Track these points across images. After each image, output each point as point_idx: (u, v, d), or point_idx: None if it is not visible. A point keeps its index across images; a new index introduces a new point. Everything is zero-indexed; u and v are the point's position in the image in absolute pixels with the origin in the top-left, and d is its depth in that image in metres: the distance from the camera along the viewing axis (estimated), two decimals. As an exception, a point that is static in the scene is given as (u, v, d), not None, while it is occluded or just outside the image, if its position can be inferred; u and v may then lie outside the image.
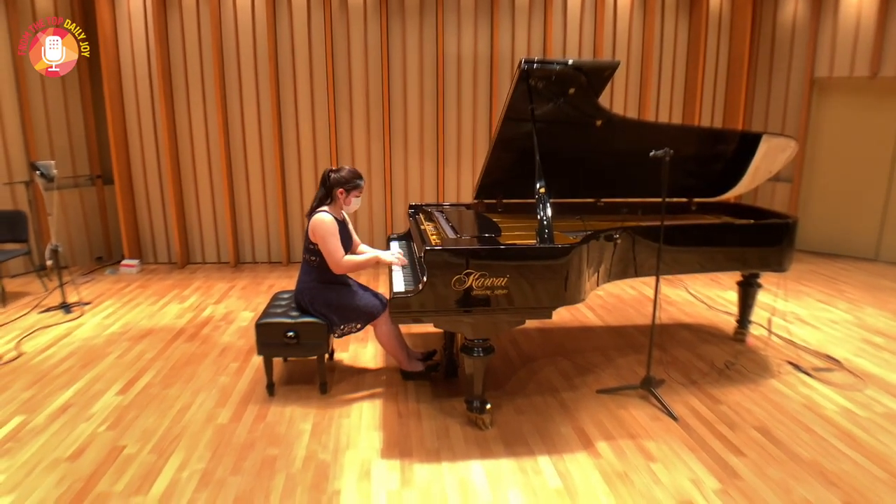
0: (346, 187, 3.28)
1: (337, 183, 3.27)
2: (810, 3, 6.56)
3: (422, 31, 6.35)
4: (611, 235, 3.17)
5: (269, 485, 2.55)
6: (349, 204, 3.34)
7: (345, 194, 3.30)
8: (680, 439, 2.96)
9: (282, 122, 6.40)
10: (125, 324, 4.65)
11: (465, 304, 2.76)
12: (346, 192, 3.29)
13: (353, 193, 3.32)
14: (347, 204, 3.34)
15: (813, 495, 2.53)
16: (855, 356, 4.02)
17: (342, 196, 3.30)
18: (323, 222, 3.20)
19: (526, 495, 2.50)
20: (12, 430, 3.01)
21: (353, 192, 3.32)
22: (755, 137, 3.93)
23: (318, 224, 3.20)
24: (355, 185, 3.31)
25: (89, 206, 6.66)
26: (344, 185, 3.28)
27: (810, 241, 7.17)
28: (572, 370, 3.77)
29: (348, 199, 3.32)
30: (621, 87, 6.79)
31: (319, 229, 3.20)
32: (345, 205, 3.34)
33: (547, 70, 2.92)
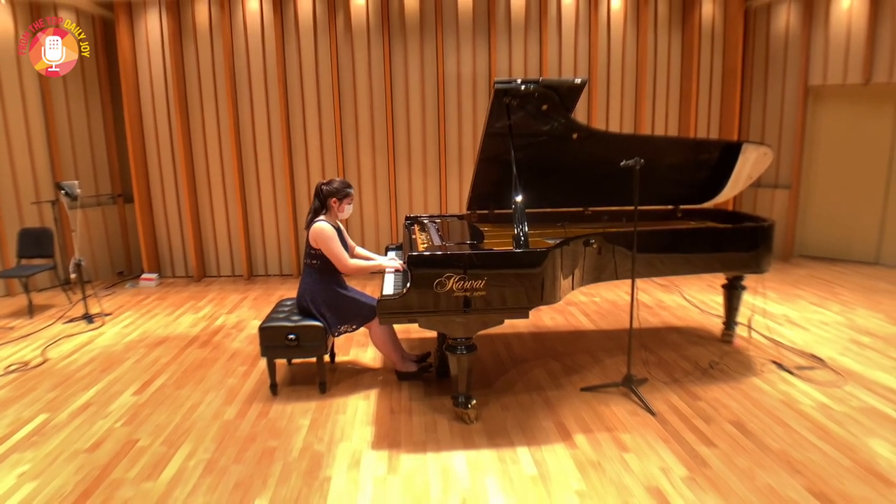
0: (339, 196, 3.56)
1: (330, 194, 3.54)
2: (802, 13, 6.72)
3: (423, 51, 6.64)
4: (588, 240, 3.37)
5: (267, 472, 2.79)
6: (343, 211, 3.61)
7: (338, 203, 3.57)
8: (655, 432, 3.12)
9: (291, 141, 6.72)
10: (143, 332, 4.95)
11: (446, 305, 2.98)
12: (339, 201, 3.57)
13: (346, 201, 3.60)
14: (341, 211, 3.61)
15: (776, 481, 2.68)
16: (840, 355, 4.13)
17: (336, 205, 3.57)
18: (323, 230, 3.46)
19: (503, 482, 2.69)
20: (38, 426, 3.29)
21: (346, 201, 3.60)
22: (736, 146, 4.11)
23: (320, 232, 3.47)
24: (346, 193, 3.59)
25: (111, 223, 7.03)
26: (336, 195, 3.55)
27: (809, 246, 7.27)
28: (560, 370, 3.96)
29: (342, 206, 3.59)
30: (617, 101, 6.99)
31: (321, 236, 3.46)
32: (339, 213, 3.61)
33: (518, 90, 3.16)
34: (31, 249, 5.75)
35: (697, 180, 4.33)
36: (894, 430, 3.09)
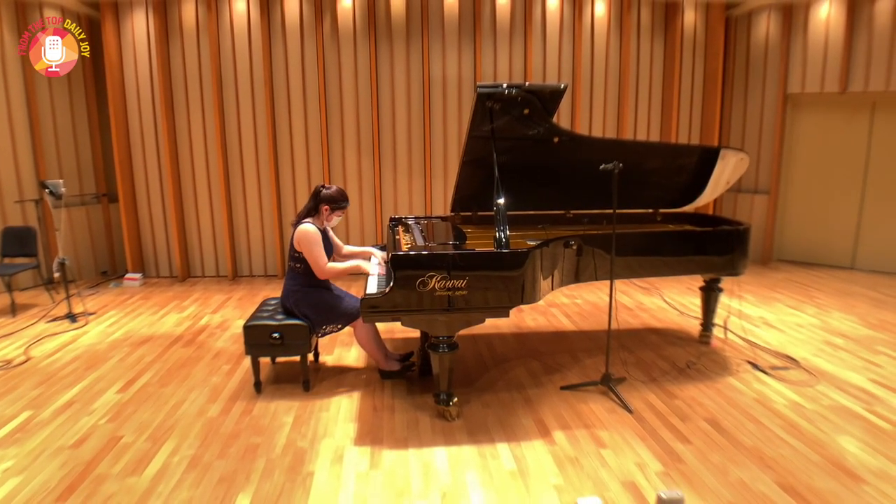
0: (332, 206, 3.59)
1: (325, 199, 3.57)
2: (781, 22, 6.88)
3: (409, 55, 6.70)
4: (568, 242, 3.45)
5: (250, 467, 2.83)
6: (330, 221, 3.64)
7: (328, 211, 3.60)
8: (632, 429, 3.20)
9: (277, 142, 6.75)
10: (127, 331, 4.95)
11: (429, 303, 3.04)
12: (330, 210, 3.60)
13: (336, 213, 3.63)
14: (329, 221, 3.64)
15: (748, 476, 2.77)
16: (813, 356, 4.25)
17: (326, 212, 3.60)
18: (308, 233, 3.50)
19: (482, 476, 2.76)
20: (21, 423, 3.30)
21: (336, 212, 3.62)
22: (715, 151, 4.21)
23: (304, 234, 3.50)
24: (340, 205, 3.62)
25: (95, 222, 7.00)
26: (330, 203, 3.58)
27: (787, 251, 7.42)
28: (541, 370, 4.03)
29: (330, 216, 3.62)
30: (600, 106, 7.10)
31: (305, 239, 3.50)
32: (326, 221, 3.64)
33: (500, 94, 3.23)
34: (14, 248, 5.72)
35: (677, 184, 4.42)
36: (863, 428, 3.20)
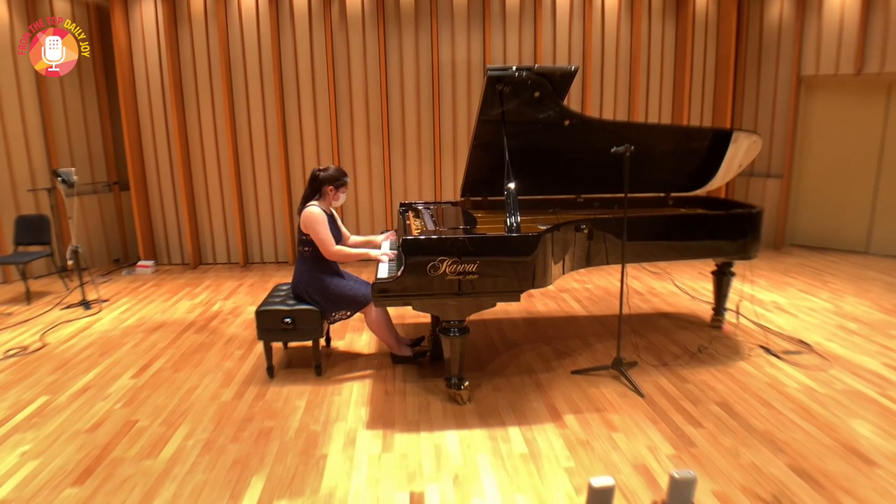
0: (335, 184, 3.60)
1: (326, 180, 3.58)
2: (795, 3, 6.76)
3: (417, 39, 6.65)
4: (579, 226, 3.43)
5: (264, 450, 2.86)
6: (337, 199, 3.65)
7: (333, 191, 3.61)
8: (644, 413, 3.20)
9: (286, 128, 6.74)
10: (140, 318, 5.00)
11: (440, 288, 3.04)
12: (334, 189, 3.61)
13: (341, 189, 3.64)
14: (336, 199, 3.65)
15: (760, 459, 2.76)
16: (827, 340, 4.22)
17: (331, 192, 3.61)
18: (313, 213, 3.51)
19: (494, 459, 2.77)
20: (38, 408, 3.35)
21: (341, 189, 3.64)
22: (727, 133, 4.16)
23: (309, 216, 3.51)
24: (342, 182, 3.63)
25: (107, 210, 7.05)
26: (332, 183, 3.59)
27: (800, 235, 7.35)
28: (551, 354, 4.03)
29: (336, 194, 3.63)
30: (611, 90, 7.03)
31: (310, 220, 3.50)
32: (333, 200, 3.65)
33: (511, 77, 3.20)
34: (28, 236, 5.77)
35: (689, 168, 4.38)
36: (876, 412, 3.18)
